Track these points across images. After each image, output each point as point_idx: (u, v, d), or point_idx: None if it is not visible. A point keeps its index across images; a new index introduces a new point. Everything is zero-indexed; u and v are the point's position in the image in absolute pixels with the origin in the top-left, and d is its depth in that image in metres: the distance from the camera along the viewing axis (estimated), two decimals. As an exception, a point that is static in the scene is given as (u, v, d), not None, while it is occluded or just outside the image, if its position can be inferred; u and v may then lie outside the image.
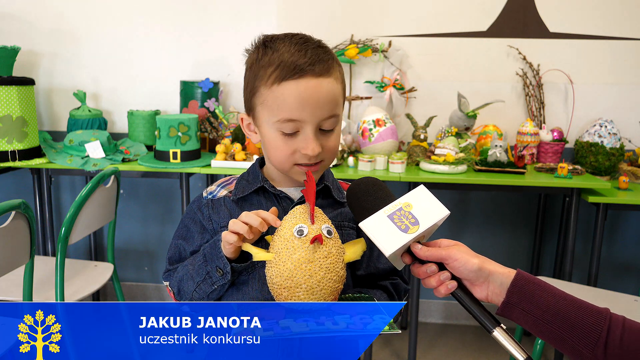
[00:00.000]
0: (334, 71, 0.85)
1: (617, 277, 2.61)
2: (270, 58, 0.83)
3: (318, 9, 2.47)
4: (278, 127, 0.84)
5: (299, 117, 0.82)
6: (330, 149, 0.88)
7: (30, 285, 1.65)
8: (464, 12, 2.43)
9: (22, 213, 1.53)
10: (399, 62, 2.45)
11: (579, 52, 2.42)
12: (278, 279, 0.76)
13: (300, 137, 0.84)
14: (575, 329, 0.71)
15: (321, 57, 0.83)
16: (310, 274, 0.75)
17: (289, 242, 0.76)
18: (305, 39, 0.85)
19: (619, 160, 2.30)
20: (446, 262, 0.76)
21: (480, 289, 0.76)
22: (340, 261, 0.78)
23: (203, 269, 0.87)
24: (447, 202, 2.84)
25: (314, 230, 0.77)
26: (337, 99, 0.85)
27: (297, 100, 0.81)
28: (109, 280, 2.06)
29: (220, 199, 0.95)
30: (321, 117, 0.83)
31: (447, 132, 2.31)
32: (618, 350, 0.69)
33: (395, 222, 0.76)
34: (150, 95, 2.60)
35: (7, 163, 2.19)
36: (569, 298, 0.73)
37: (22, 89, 2.22)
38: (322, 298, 0.76)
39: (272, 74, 0.82)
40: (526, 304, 0.73)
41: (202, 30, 2.51)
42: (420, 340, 2.53)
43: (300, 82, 0.81)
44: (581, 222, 2.51)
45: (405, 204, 0.78)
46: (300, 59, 0.81)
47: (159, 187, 2.72)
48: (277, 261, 0.77)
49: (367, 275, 0.96)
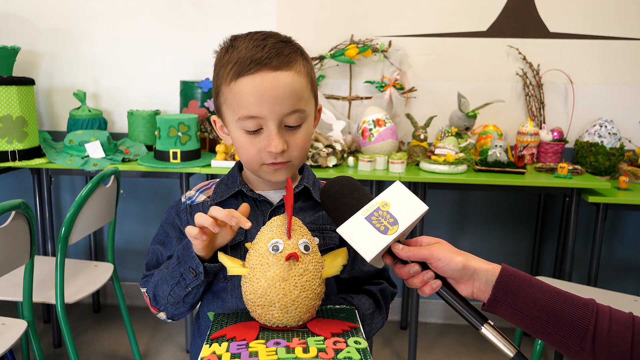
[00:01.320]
0: (295, 64, 0.81)
1: (617, 277, 2.61)
2: (230, 56, 0.81)
3: (318, 9, 2.47)
4: (241, 126, 0.82)
5: (259, 113, 0.79)
6: (297, 147, 0.83)
7: (30, 285, 1.65)
8: (464, 12, 2.43)
9: (22, 213, 1.53)
10: (399, 62, 2.45)
11: (579, 52, 2.42)
12: (252, 296, 0.74)
13: (264, 134, 0.81)
14: (563, 323, 0.70)
15: (280, 50, 0.79)
16: (285, 292, 0.72)
17: (264, 257, 0.73)
18: (267, 35, 0.82)
19: (619, 160, 2.30)
20: (429, 261, 0.74)
21: (466, 286, 0.75)
22: (317, 278, 0.74)
23: (177, 271, 0.83)
24: (447, 202, 2.84)
25: (290, 247, 0.73)
26: (299, 93, 0.81)
27: (254, 95, 0.78)
28: (109, 280, 2.06)
29: (199, 204, 0.93)
30: (282, 113, 0.80)
31: (447, 132, 2.31)
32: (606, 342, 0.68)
33: (373, 224, 0.73)
34: (150, 95, 2.60)
35: (7, 163, 2.19)
36: (555, 291, 0.72)
37: (22, 89, 2.22)
38: (298, 316, 0.73)
39: (230, 71, 0.80)
40: (512, 300, 0.72)
41: (202, 30, 2.51)
42: (420, 340, 2.53)
43: (257, 77, 0.78)
44: (581, 222, 2.51)
45: (382, 203, 0.75)
46: (256, 54, 0.78)
47: (159, 187, 2.72)
48: (251, 277, 0.74)
49: (351, 279, 0.94)
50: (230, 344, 0.69)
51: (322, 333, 0.72)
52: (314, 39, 2.47)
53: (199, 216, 0.76)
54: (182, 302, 0.86)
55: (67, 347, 1.82)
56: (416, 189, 2.18)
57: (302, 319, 0.74)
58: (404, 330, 2.65)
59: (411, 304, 2.22)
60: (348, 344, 0.68)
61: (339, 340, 0.69)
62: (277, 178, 0.86)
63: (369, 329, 0.89)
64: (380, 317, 0.92)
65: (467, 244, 2.66)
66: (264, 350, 0.67)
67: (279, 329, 0.74)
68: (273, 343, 0.69)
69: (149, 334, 2.54)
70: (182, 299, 0.85)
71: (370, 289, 0.94)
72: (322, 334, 0.71)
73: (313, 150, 2.15)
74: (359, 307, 0.87)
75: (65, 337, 1.81)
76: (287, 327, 0.74)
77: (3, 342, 1.50)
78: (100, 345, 2.43)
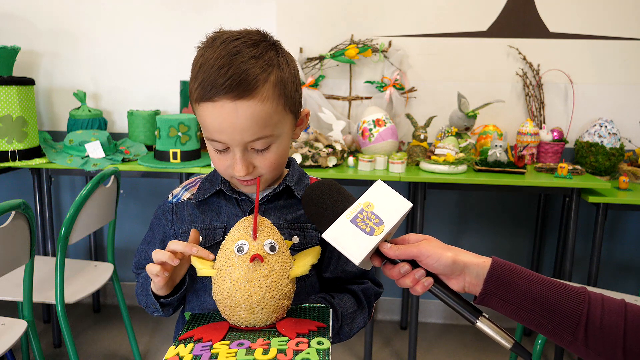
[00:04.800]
0: (260, 90, 0.75)
1: (617, 277, 2.61)
2: (197, 72, 0.77)
3: (318, 9, 2.47)
4: (209, 143, 0.82)
5: (220, 139, 0.78)
6: (266, 166, 0.82)
7: (30, 285, 1.65)
8: (464, 12, 2.43)
9: (22, 213, 1.53)
10: (399, 62, 2.45)
11: (579, 52, 2.42)
12: (219, 297, 0.74)
13: (231, 153, 0.80)
14: (555, 314, 0.70)
15: (245, 75, 0.74)
16: (250, 293, 0.72)
17: (230, 259, 0.74)
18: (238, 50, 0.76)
19: (619, 160, 2.30)
20: (418, 259, 0.73)
21: (457, 281, 0.74)
22: (284, 278, 0.74)
23: (142, 298, 0.88)
24: (447, 202, 2.84)
25: (255, 247, 0.73)
26: (263, 120, 0.77)
27: (214, 124, 0.77)
28: (109, 280, 2.06)
29: (184, 203, 0.93)
30: (243, 141, 0.77)
31: (447, 132, 2.31)
32: (598, 332, 0.68)
33: (359, 226, 0.72)
34: (150, 95, 2.60)
35: (7, 163, 2.19)
36: (547, 282, 0.72)
37: (22, 89, 2.22)
38: (265, 316, 0.74)
39: (195, 92, 0.78)
40: (504, 293, 0.72)
41: (202, 30, 2.49)
42: (420, 340, 2.53)
43: (216, 105, 0.75)
44: (581, 222, 2.51)
45: (366, 203, 0.74)
46: (218, 79, 0.74)
47: (159, 187, 2.72)
48: (218, 278, 0.74)
49: (334, 278, 0.93)
50: (195, 345, 0.70)
51: (287, 333, 0.72)
52: (314, 39, 2.47)
53: (157, 253, 0.76)
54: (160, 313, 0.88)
55: (67, 347, 1.82)
56: (416, 189, 2.18)
57: (271, 318, 0.74)
58: (404, 330, 2.65)
59: (411, 304, 2.22)
60: (311, 344, 0.68)
61: (302, 340, 0.69)
62: (249, 190, 0.87)
63: (349, 328, 0.89)
64: (362, 317, 0.92)
65: (467, 244, 2.66)
66: (224, 352, 0.67)
67: (247, 329, 0.74)
68: (236, 344, 0.69)
69: (149, 334, 2.54)
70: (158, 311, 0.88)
71: (353, 288, 0.93)
72: (288, 334, 0.71)
73: (313, 150, 2.15)
74: (339, 306, 0.87)
75: (65, 337, 1.81)
76: (256, 327, 0.74)
77: (3, 342, 1.50)
78: (100, 345, 2.43)
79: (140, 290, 0.92)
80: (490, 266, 0.72)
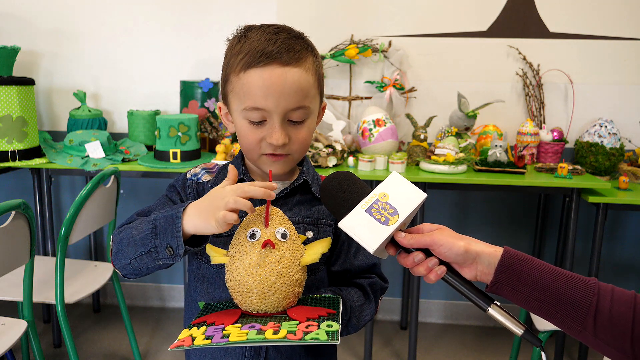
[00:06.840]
0: (304, 61, 0.82)
1: (617, 277, 2.61)
2: (242, 46, 0.82)
3: (318, 8, 2.47)
4: (245, 115, 0.83)
5: (264, 106, 0.80)
6: (299, 141, 0.85)
7: (30, 285, 1.65)
8: (464, 12, 2.43)
9: (22, 213, 1.53)
10: (399, 62, 2.45)
11: (579, 52, 2.42)
12: (232, 283, 0.76)
13: (267, 125, 0.82)
14: (564, 304, 0.71)
15: (292, 46, 0.81)
16: (262, 279, 0.73)
17: (242, 246, 0.76)
18: (280, 29, 0.83)
19: (619, 160, 2.30)
20: (432, 247, 0.75)
21: (469, 269, 0.76)
22: (295, 265, 0.76)
23: (150, 241, 0.78)
24: (447, 202, 2.84)
25: (267, 234, 0.75)
26: (305, 90, 0.82)
27: (261, 88, 0.80)
28: (109, 280, 2.06)
29: (204, 183, 0.94)
30: (286, 108, 0.81)
31: (447, 132, 2.31)
32: (607, 322, 0.69)
33: (374, 216, 0.74)
34: (150, 95, 2.60)
35: (7, 163, 2.19)
36: (557, 272, 0.73)
37: (22, 89, 2.22)
38: (276, 302, 0.75)
39: (241, 62, 0.81)
40: (515, 282, 0.73)
41: (202, 30, 2.51)
42: (420, 340, 2.53)
43: (265, 70, 0.79)
44: (581, 222, 2.51)
45: (381, 194, 0.76)
46: (268, 47, 0.79)
47: (159, 187, 2.72)
48: (230, 265, 0.76)
49: (342, 271, 0.95)
50: (208, 328, 0.72)
51: (298, 318, 0.73)
52: (314, 39, 2.44)
53: (237, 202, 0.72)
54: (146, 269, 0.82)
55: (67, 347, 1.82)
56: (416, 189, 2.17)
57: (282, 304, 0.76)
58: (404, 330, 2.65)
59: (411, 304, 2.22)
60: (320, 327, 0.69)
61: (312, 324, 0.71)
62: (275, 169, 0.87)
63: (357, 321, 0.91)
64: (369, 310, 0.93)
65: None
66: (236, 332, 0.69)
67: (259, 315, 0.76)
68: (248, 327, 0.71)
69: (149, 334, 2.54)
70: (148, 267, 0.81)
71: (360, 282, 0.95)
72: (298, 318, 0.73)
73: (313, 150, 2.15)
74: (347, 299, 0.89)
75: (65, 337, 1.81)
76: (267, 313, 0.76)
77: (3, 342, 1.50)
78: (100, 345, 2.43)
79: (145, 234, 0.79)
80: (502, 255, 0.74)
